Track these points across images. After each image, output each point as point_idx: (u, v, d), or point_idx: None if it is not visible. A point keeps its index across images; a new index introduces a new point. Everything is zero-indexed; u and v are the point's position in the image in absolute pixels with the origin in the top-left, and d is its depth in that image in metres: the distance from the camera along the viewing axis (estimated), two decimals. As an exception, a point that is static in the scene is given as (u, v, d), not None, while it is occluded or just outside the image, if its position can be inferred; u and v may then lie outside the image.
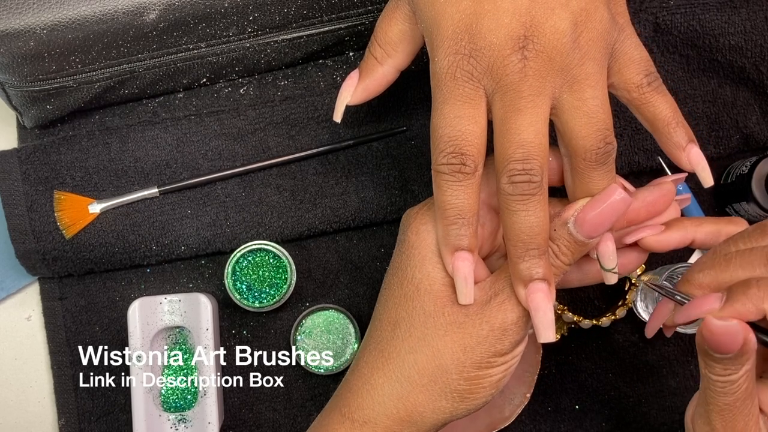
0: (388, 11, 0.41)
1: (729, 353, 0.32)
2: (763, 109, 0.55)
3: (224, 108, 0.54)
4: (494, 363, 0.38)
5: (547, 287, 0.36)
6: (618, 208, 0.36)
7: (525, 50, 0.34)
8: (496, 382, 0.38)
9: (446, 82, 0.36)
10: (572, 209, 0.37)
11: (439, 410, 0.38)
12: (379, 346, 0.40)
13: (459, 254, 0.37)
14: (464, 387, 0.38)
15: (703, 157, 0.39)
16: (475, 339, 0.37)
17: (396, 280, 0.40)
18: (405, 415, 0.38)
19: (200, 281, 0.56)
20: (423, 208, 0.40)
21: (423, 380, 0.38)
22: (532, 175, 0.35)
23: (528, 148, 0.35)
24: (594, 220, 0.36)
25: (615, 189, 0.36)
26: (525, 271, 0.36)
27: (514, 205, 0.35)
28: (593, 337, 0.56)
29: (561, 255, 0.37)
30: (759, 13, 0.53)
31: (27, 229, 0.53)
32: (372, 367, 0.39)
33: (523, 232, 0.36)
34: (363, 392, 0.39)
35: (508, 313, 0.37)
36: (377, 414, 0.38)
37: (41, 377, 0.57)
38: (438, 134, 0.36)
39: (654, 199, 0.40)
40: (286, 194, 0.54)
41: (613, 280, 0.39)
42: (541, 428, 0.56)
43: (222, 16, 0.48)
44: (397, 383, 0.38)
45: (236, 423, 0.56)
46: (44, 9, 0.44)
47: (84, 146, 0.53)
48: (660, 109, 0.38)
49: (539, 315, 0.36)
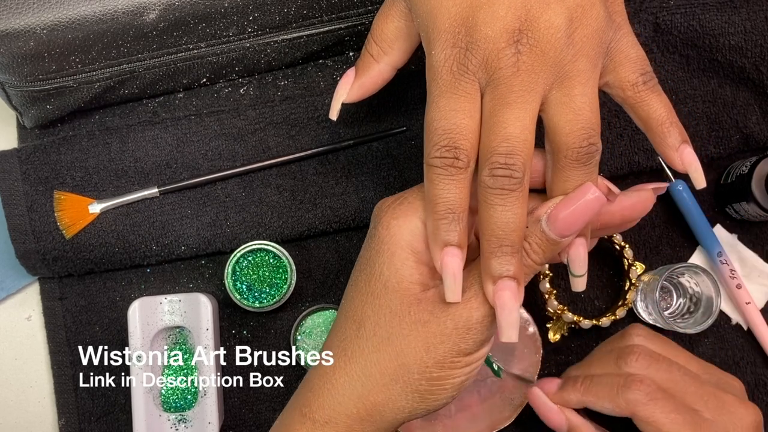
0: (385, 8, 0.41)
1: None
2: (763, 109, 0.55)
3: (224, 108, 0.54)
4: (457, 364, 0.37)
5: (516, 286, 0.36)
6: (592, 207, 0.36)
7: (519, 44, 0.34)
8: (458, 384, 0.38)
9: (443, 75, 0.36)
10: (546, 206, 0.37)
11: (398, 409, 0.38)
12: (342, 345, 0.39)
13: (448, 250, 0.36)
14: (425, 387, 0.37)
15: (696, 158, 0.38)
16: (439, 337, 0.37)
17: (363, 277, 0.39)
18: (365, 414, 0.38)
19: (200, 281, 0.56)
20: (396, 202, 0.40)
21: (384, 379, 0.38)
22: (514, 171, 0.34)
23: (512, 142, 0.34)
24: (567, 219, 0.36)
25: (589, 187, 0.36)
26: (496, 267, 0.35)
27: (492, 199, 0.35)
28: (593, 337, 0.56)
29: (532, 253, 0.37)
30: (759, 13, 0.53)
31: (27, 229, 0.53)
32: (334, 366, 0.39)
33: (498, 227, 0.35)
34: (324, 392, 0.39)
35: (473, 311, 0.37)
36: (338, 414, 0.38)
37: (41, 377, 0.57)
38: (432, 127, 0.36)
39: (631, 204, 0.39)
40: (286, 194, 0.54)
41: (581, 287, 0.39)
42: (541, 428, 0.56)
43: (222, 16, 0.48)
44: (358, 382, 0.38)
45: (236, 423, 0.56)
46: (44, 9, 0.44)
47: (84, 146, 0.53)
48: (654, 109, 0.38)
49: (504, 313, 0.36)
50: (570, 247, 0.38)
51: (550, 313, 0.55)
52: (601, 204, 0.36)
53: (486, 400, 0.54)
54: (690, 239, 0.57)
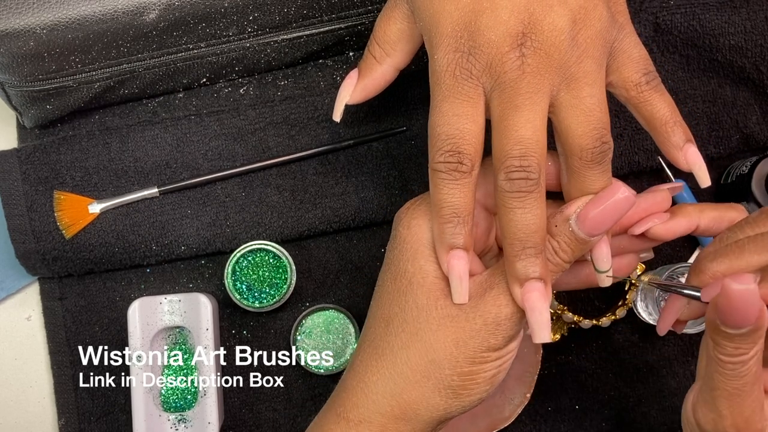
0: (387, 10, 0.41)
1: (744, 326, 0.32)
2: (763, 109, 0.55)
3: (224, 108, 0.54)
4: (488, 358, 0.37)
5: (543, 287, 0.36)
6: (621, 206, 0.36)
7: (523, 47, 0.34)
8: (490, 378, 0.38)
9: (445, 80, 0.36)
10: (575, 206, 0.37)
11: (433, 407, 0.38)
12: (373, 344, 0.40)
13: (454, 252, 0.37)
14: (457, 383, 0.38)
15: (700, 157, 0.38)
16: (468, 333, 0.37)
17: (389, 276, 0.40)
18: (399, 413, 0.38)
19: (200, 281, 0.56)
20: (414, 204, 0.40)
21: (416, 376, 0.38)
22: (530, 172, 0.35)
23: (526, 144, 0.35)
24: (597, 218, 0.36)
25: (619, 187, 0.36)
26: (521, 270, 0.36)
27: (511, 203, 0.35)
28: (593, 337, 0.56)
29: (561, 252, 0.37)
30: (759, 13, 0.53)
31: (27, 229, 0.53)
32: (366, 365, 0.39)
33: (519, 230, 0.35)
34: (357, 391, 0.39)
35: (502, 307, 0.37)
36: (371, 413, 0.38)
37: (41, 377, 0.57)
38: (436, 132, 0.36)
39: (648, 206, 0.40)
40: (286, 194, 0.54)
41: (606, 283, 0.39)
42: (541, 428, 0.56)
43: (222, 16, 0.48)
44: (390, 380, 0.38)
45: (236, 423, 0.56)
46: (44, 9, 0.44)
47: (84, 146, 0.53)
48: (658, 108, 0.38)
49: (535, 315, 0.36)
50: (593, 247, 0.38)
51: (550, 313, 0.55)
52: (630, 204, 0.36)
53: (486, 400, 0.54)
54: (690, 239, 0.57)
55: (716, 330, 0.33)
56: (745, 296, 0.31)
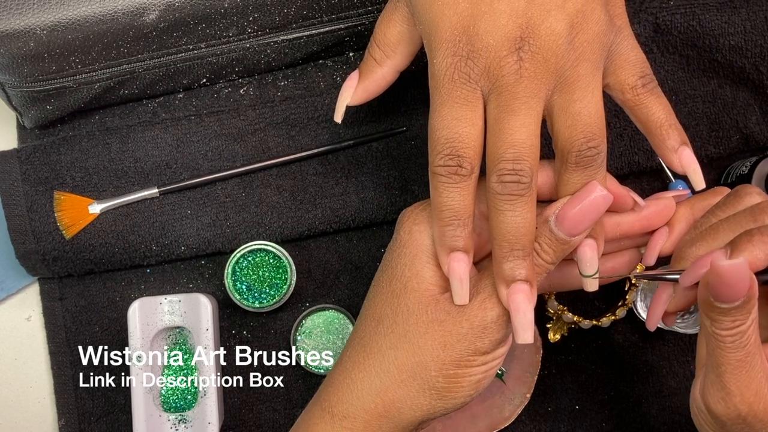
0: (387, 13, 0.42)
1: (737, 299, 0.33)
2: (763, 109, 0.55)
3: (224, 108, 0.54)
4: (473, 362, 0.38)
5: (528, 288, 0.36)
6: (598, 205, 0.36)
7: (521, 51, 0.34)
8: (475, 382, 0.38)
9: (444, 84, 0.36)
10: (554, 207, 0.37)
11: (416, 407, 0.38)
12: (362, 342, 0.40)
13: (454, 255, 0.37)
14: (443, 384, 0.38)
15: (695, 160, 0.39)
16: (455, 336, 0.38)
17: (385, 278, 0.40)
18: (383, 410, 0.39)
19: (200, 281, 0.56)
20: (417, 209, 0.41)
21: (402, 376, 0.38)
22: (522, 176, 0.35)
23: (519, 148, 0.35)
24: (575, 218, 0.36)
25: (595, 186, 0.36)
26: (508, 271, 0.36)
27: (501, 205, 0.36)
28: (593, 337, 0.56)
29: (543, 253, 0.37)
30: (759, 13, 0.53)
31: (27, 229, 0.53)
32: (354, 361, 0.40)
33: (509, 232, 0.36)
34: (343, 386, 0.40)
35: (488, 311, 0.37)
36: (356, 408, 0.39)
37: (41, 377, 0.57)
38: (435, 136, 0.36)
39: (650, 214, 0.40)
40: (286, 194, 0.54)
41: (592, 288, 0.39)
42: (541, 428, 0.56)
43: (222, 16, 0.48)
44: (376, 378, 0.39)
45: (236, 423, 0.56)
46: (44, 9, 0.44)
47: (84, 146, 0.53)
48: (653, 111, 0.38)
49: (519, 315, 0.36)
50: (578, 249, 0.38)
51: (550, 313, 0.55)
52: (608, 202, 0.37)
53: (486, 400, 0.54)
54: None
55: (711, 307, 0.34)
56: (735, 271, 0.32)
